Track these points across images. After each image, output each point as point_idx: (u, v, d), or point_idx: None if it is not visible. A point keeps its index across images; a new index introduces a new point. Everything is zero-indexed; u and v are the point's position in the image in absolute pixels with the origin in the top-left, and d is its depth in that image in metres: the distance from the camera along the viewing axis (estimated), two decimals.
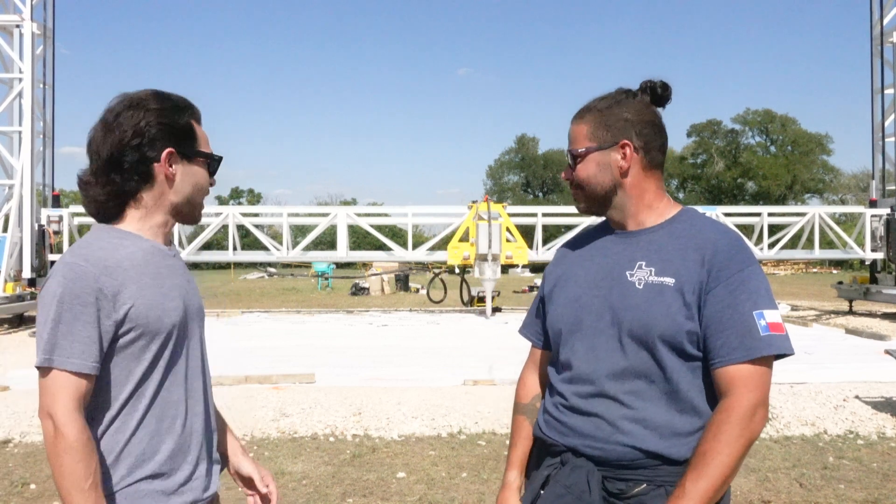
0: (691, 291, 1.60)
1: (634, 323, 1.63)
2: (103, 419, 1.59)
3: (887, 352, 7.92)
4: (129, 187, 1.67)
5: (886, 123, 16.97)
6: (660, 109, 1.78)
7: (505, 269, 17.73)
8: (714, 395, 1.61)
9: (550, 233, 19.09)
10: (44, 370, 1.51)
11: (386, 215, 19.69)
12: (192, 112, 1.75)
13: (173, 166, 1.69)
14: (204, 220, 16.85)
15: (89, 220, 16.77)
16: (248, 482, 2.09)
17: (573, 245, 1.89)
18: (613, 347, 1.67)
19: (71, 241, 15.65)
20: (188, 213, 1.76)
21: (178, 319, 1.67)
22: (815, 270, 45.65)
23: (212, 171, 1.79)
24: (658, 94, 1.75)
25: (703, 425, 1.60)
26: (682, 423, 1.61)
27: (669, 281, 1.63)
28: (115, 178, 1.65)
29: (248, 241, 22.37)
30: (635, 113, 1.73)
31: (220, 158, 1.80)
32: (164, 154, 1.67)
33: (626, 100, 1.74)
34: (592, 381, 1.69)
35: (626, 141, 1.71)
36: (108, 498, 1.56)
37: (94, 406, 1.58)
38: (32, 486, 4.71)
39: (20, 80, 15.17)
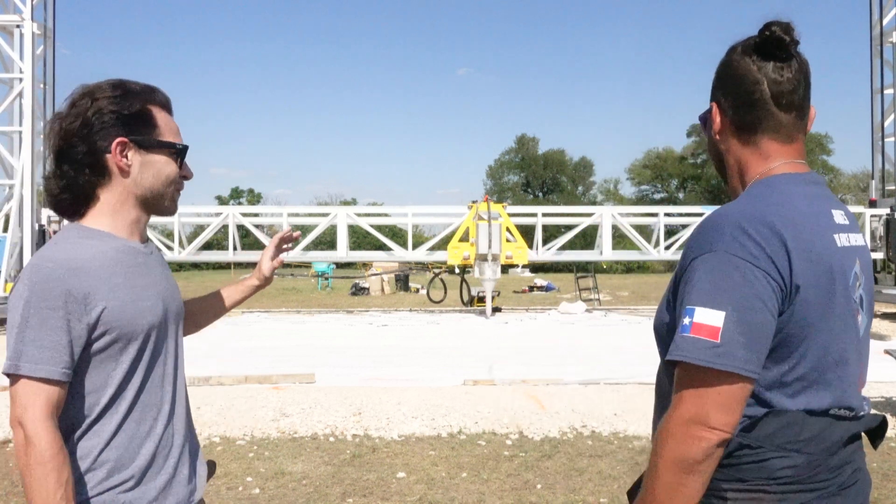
0: (674, 282, 1.46)
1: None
2: (81, 425, 1.52)
3: (887, 352, 7.92)
4: (83, 180, 1.57)
5: (886, 123, 16.97)
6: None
7: (505, 269, 17.72)
8: None
9: (550, 233, 19.08)
10: (13, 377, 1.44)
11: (386, 215, 19.69)
12: (150, 98, 1.63)
13: (128, 156, 1.58)
14: (204, 220, 16.90)
15: None
16: (272, 257, 2.16)
17: None
18: None
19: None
20: (157, 205, 1.65)
21: (155, 320, 1.60)
22: None
23: (179, 161, 1.66)
24: (767, 39, 1.44)
25: None
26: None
27: (678, 269, 1.48)
28: (67, 171, 1.57)
29: (248, 241, 22.33)
30: (726, 67, 1.50)
31: (184, 147, 1.67)
32: (114, 144, 1.57)
33: (730, 53, 1.51)
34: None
35: (713, 102, 1.52)
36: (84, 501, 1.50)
37: (73, 412, 1.51)
38: None
39: (20, 80, 15.16)
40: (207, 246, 18.07)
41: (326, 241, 21.48)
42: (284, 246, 2.17)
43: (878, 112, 17.26)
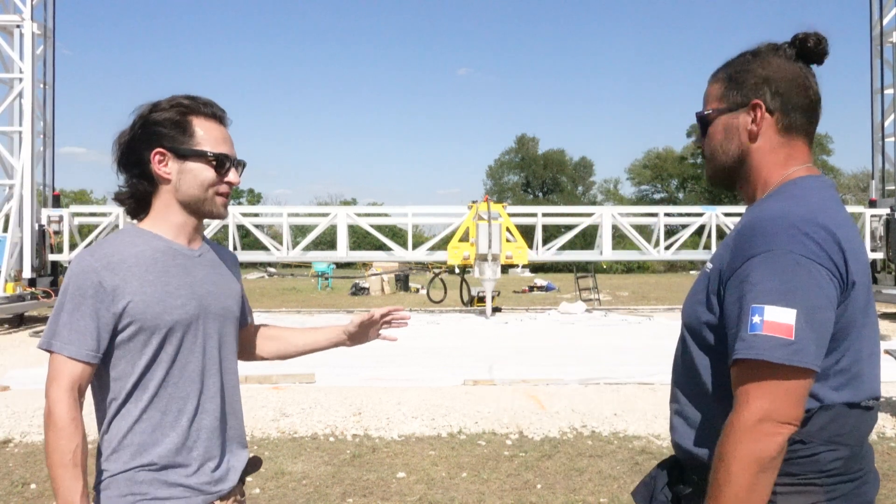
0: (715, 279, 1.47)
1: (682, 312, 1.59)
2: (110, 408, 1.68)
3: (887, 352, 7.92)
4: (141, 188, 1.76)
5: (886, 123, 16.97)
6: (814, 67, 1.56)
7: (505, 269, 17.72)
8: None
9: (550, 233, 19.08)
10: (49, 353, 1.64)
11: (386, 215, 19.69)
12: (193, 109, 1.76)
13: (168, 165, 1.73)
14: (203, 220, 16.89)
15: (90, 220, 16.79)
16: (368, 326, 2.15)
17: None
18: (680, 338, 1.61)
19: (71, 241, 15.67)
20: (200, 209, 1.78)
21: (182, 317, 1.70)
22: None
23: (218, 168, 1.77)
24: (809, 47, 1.52)
25: None
26: (708, 422, 1.48)
27: (709, 267, 1.50)
28: (128, 179, 1.77)
29: (248, 241, 22.34)
30: (774, 69, 1.51)
31: (222, 155, 1.77)
32: (152, 154, 1.72)
33: (767, 55, 1.53)
34: (673, 371, 1.66)
35: (758, 100, 1.51)
36: (109, 480, 1.66)
37: (107, 396, 1.68)
38: (33, 486, 4.71)
39: (20, 80, 15.16)
40: None
41: (326, 241, 21.46)
42: (393, 323, 2.20)
43: (878, 112, 17.26)
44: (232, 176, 1.81)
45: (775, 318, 1.32)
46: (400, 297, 24.14)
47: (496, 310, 16.34)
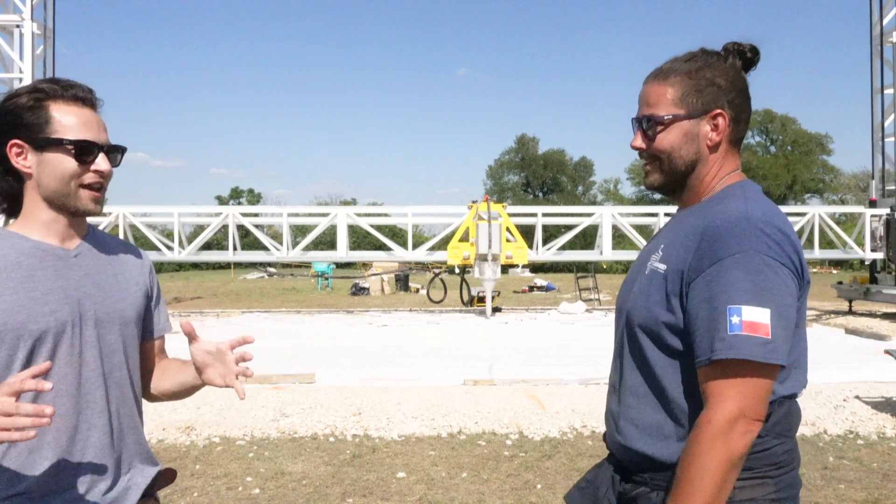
0: (674, 280, 1.46)
1: (628, 312, 1.57)
2: None
3: (887, 352, 7.92)
4: (6, 184, 1.58)
5: (886, 123, 16.97)
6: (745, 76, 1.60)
7: (505, 269, 17.73)
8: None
9: (550, 233, 19.10)
10: None
11: (386, 215, 19.70)
12: (52, 94, 1.57)
13: (28, 158, 1.56)
14: (204, 220, 16.90)
15: (88, 219, 16.77)
16: (217, 358, 1.68)
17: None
18: (621, 338, 1.61)
19: None
20: (66, 204, 1.58)
21: (51, 325, 1.52)
22: (814, 270, 45.63)
23: (79, 157, 1.56)
24: (748, 58, 1.56)
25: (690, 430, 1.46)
26: (669, 423, 1.49)
27: (662, 267, 1.50)
28: None
29: (248, 241, 22.37)
30: (728, 79, 1.53)
31: (82, 141, 1.57)
32: (8, 147, 1.55)
33: (716, 62, 1.54)
34: (612, 373, 1.66)
35: (721, 110, 1.52)
36: None
37: None
38: None
39: (20, 80, 15.16)
40: (207, 246, 18.09)
41: (326, 241, 21.48)
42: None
43: (878, 112, 17.26)
44: (100, 163, 1.58)
45: (753, 318, 1.34)
46: (400, 297, 24.15)
47: (496, 310, 16.34)
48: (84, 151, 1.56)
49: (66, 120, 1.56)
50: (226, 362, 1.66)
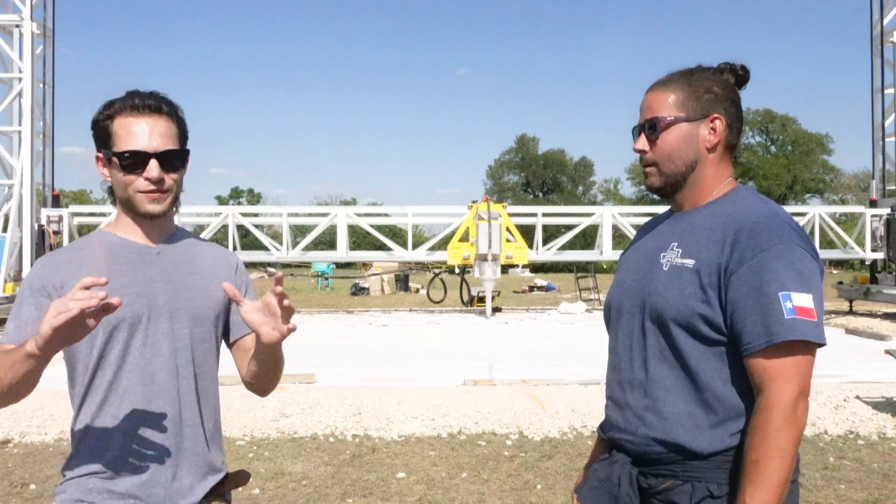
0: (709, 274, 1.53)
1: (654, 306, 1.60)
2: (74, 403, 1.68)
3: (887, 352, 7.91)
4: (108, 187, 1.75)
5: (886, 123, 16.97)
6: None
7: (505, 269, 17.73)
8: (747, 383, 1.51)
9: (550, 233, 19.09)
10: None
11: (386, 215, 19.71)
12: (116, 108, 1.67)
13: (107, 168, 1.71)
14: (204, 220, 16.91)
15: (90, 220, 16.78)
16: (263, 314, 1.64)
17: (643, 228, 1.85)
18: (641, 332, 1.63)
19: (70, 241, 15.65)
20: (134, 210, 1.70)
21: (126, 316, 1.62)
22: None
23: (127, 168, 1.65)
24: (740, 75, 1.69)
25: (729, 417, 1.52)
26: (704, 413, 1.54)
27: (689, 262, 1.57)
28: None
29: (248, 241, 22.34)
30: (723, 89, 1.66)
31: (127, 153, 1.64)
32: (95, 159, 1.73)
33: (712, 76, 1.67)
34: (626, 368, 1.67)
35: (718, 115, 1.64)
36: (66, 484, 1.64)
37: (71, 392, 1.68)
38: (32, 486, 4.71)
39: (20, 79, 15.15)
40: None
41: (326, 241, 21.48)
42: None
43: (878, 112, 17.26)
44: (151, 170, 1.64)
45: (803, 303, 1.46)
46: (400, 297, 24.14)
47: (496, 310, 16.34)
48: (132, 161, 1.65)
49: (122, 132, 1.66)
50: (275, 314, 1.64)
